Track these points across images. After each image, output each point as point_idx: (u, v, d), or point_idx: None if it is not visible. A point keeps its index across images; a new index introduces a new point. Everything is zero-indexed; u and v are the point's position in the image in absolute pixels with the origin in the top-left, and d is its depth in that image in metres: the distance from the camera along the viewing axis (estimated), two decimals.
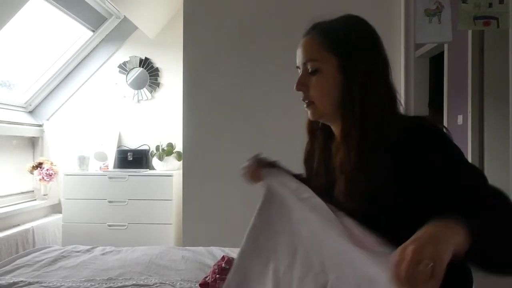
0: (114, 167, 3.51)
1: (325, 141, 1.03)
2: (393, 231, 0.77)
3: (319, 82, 0.94)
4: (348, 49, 0.92)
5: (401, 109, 0.97)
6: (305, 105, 0.98)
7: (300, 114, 2.41)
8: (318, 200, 0.93)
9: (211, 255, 1.80)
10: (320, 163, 1.02)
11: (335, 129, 0.99)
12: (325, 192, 0.96)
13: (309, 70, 0.95)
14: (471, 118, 2.22)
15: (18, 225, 3.04)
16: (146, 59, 3.68)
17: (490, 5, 2.06)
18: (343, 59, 0.92)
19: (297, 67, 0.99)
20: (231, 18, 2.30)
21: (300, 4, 2.21)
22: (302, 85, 0.96)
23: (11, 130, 3.26)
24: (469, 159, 2.23)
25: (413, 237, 0.65)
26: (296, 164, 1.10)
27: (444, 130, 0.88)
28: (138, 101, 3.69)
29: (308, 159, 1.07)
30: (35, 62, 3.50)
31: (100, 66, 3.70)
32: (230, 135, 2.31)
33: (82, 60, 3.67)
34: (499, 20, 2.06)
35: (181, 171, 2.43)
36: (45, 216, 3.43)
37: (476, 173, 0.83)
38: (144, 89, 3.68)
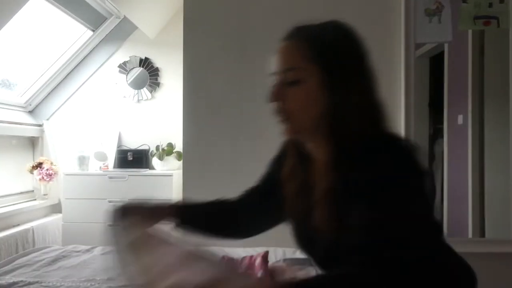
0: (114, 167, 3.51)
1: (304, 159, 0.90)
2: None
3: (298, 95, 0.83)
4: (336, 61, 0.82)
5: (387, 124, 0.85)
6: (279, 120, 0.87)
7: None
8: None
9: None
10: (302, 184, 0.89)
11: (312, 147, 0.88)
12: (302, 218, 0.88)
13: (288, 80, 0.84)
14: (471, 118, 2.22)
15: (18, 225, 3.04)
16: (146, 59, 3.68)
17: (490, 5, 2.05)
18: (329, 71, 0.81)
19: (273, 74, 0.88)
20: (231, 18, 2.30)
21: (300, 4, 2.21)
22: (278, 96, 0.85)
23: (11, 130, 3.26)
24: (469, 159, 2.22)
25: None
26: None
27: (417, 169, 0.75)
28: (138, 101, 3.69)
29: (289, 179, 0.93)
30: (35, 62, 3.50)
31: (100, 66, 3.70)
32: (230, 135, 2.31)
33: (82, 60, 3.67)
34: (499, 20, 2.06)
35: (181, 171, 2.43)
36: (45, 216, 3.43)
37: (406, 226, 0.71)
38: (144, 89, 3.68)
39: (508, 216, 2.11)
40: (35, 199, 3.47)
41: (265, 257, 1.51)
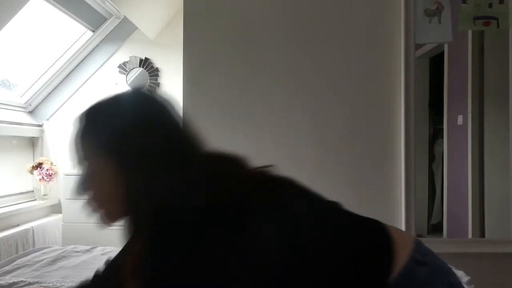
0: None
1: None
2: None
3: (97, 187, 0.77)
4: (123, 144, 0.74)
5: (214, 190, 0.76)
6: (90, 209, 0.81)
7: (300, 115, 2.41)
8: None
9: None
10: None
11: None
12: None
13: (85, 172, 0.78)
14: (471, 118, 2.22)
15: (18, 225, 3.04)
16: (146, 59, 3.68)
17: (490, 5, 2.06)
18: (118, 157, 0.74)
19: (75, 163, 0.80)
20: (231, 18, 2.30)
21: (301, 3, 2.21)
22: (83, 190, 0.79)
23: (11, 130, 3.26)
24: (469, 160, 2.23)
25: None
26: (296, 165, 1.10)
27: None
28: None
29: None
30: (35, 62, 3.50)
31: (100, 66, 3.70)
32: (230, 135, 2.31)
33: (82, 60, 3.67)
34: (499, 20, 2.06)
35: None
36: (45, 216, 3.43)
37: None
38: (144, 89, 3.67)
39: (508, 216, 2.11)
40: (35, 200, 3.47)
41: None
